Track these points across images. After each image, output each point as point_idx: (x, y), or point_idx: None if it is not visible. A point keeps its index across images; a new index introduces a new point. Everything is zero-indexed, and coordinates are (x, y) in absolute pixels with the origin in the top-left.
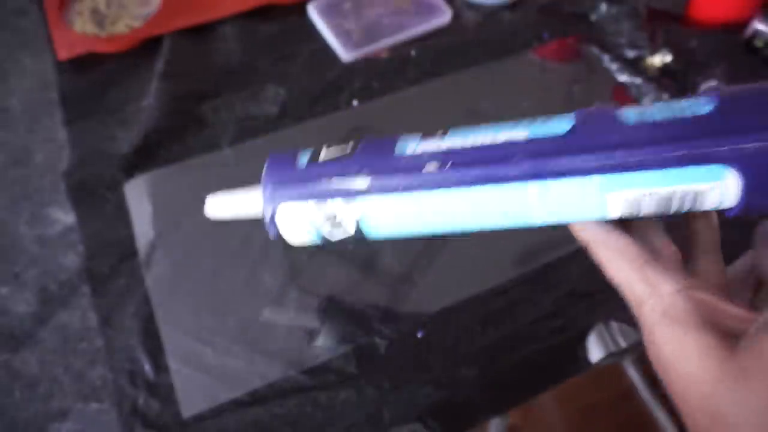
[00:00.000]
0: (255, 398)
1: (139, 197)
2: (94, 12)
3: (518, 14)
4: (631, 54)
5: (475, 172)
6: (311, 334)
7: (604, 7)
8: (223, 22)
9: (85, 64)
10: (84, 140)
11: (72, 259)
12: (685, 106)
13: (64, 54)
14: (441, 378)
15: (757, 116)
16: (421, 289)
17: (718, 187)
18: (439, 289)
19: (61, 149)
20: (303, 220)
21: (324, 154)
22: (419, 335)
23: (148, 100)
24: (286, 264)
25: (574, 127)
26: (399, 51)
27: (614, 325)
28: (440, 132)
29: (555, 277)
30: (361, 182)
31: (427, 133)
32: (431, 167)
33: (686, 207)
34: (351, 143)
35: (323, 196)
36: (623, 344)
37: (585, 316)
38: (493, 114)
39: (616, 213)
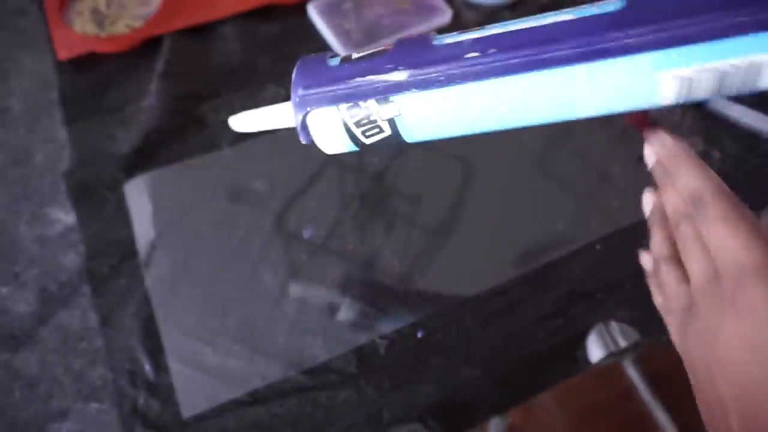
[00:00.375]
0: (255, 398)
1: (139, 197)
2: (94, 12)
3: (518, 14)
4: None
5: (520, 55)
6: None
7: None
8: (223, 22)
9: (85, 64)
10: (84, 140)
11: (72, 259)
12: None
13: (64, 54)
14: (441, 378)
15: None
16: (421, 289)
17: None
18: (439, 289)
19: (62, 149)
20: (336, 125)
21: (356, 55)
22: (419, 335)
23: (148, 100)
24: (286, 264)
25: (626, 2)
26: None
27: (614, 325)
28: (478, 26)
29: (555, 277)
30: (398, 75)
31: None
32: (472, 54)
33: (743, 86)
34: (383, 45)
35: (358, 95)
36: (623, 344)
37: (585, 316)
38: None
39: (669, 95)
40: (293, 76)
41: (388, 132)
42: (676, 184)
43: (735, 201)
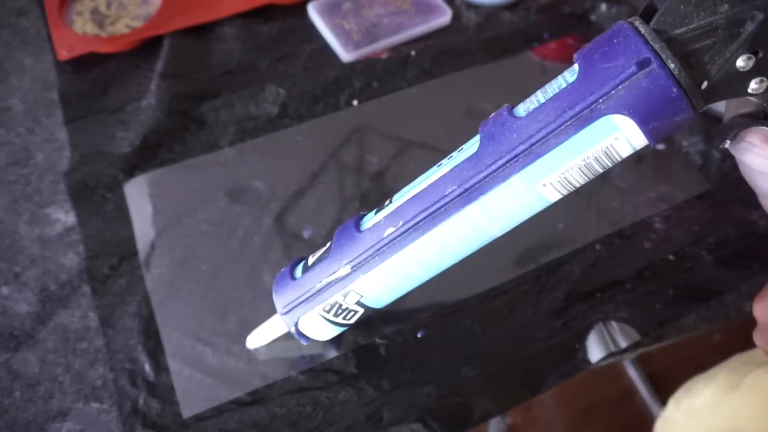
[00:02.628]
0: (255, 398)
1: (139, 197)
2: (95, 12)
3: (518, 14)
4: None
5: (422, 218)
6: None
7: (603, 7)
8: (223, 22)
9: (85, 64)
10: (84, 140)
11: (72, 259)
12: (559, 80)
13: (64, 54)
14: (441, 378)
15: (612, 62)
16: (421, 289)
17: (621, 136)
18: (439, 289)
19: (61, 149)
20: (321, 322)
21: (311, 259)
22: (419, 335)
23: (148, 100)
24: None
25: (480, 141)
26: (399, 51)
27: (614, 325)
28: (388, 199)
29: (555, 277)
30: (342, 270)
31: (378, 205)
32: (389, 232)
33: (608, 163)
34: (328, 244)
35: (324, 296)
36: (623, 344)
37: (585, 316)
38: None
39: (555, 197)
40: (273, 293)
41: (361, 310)
42: None
43: None
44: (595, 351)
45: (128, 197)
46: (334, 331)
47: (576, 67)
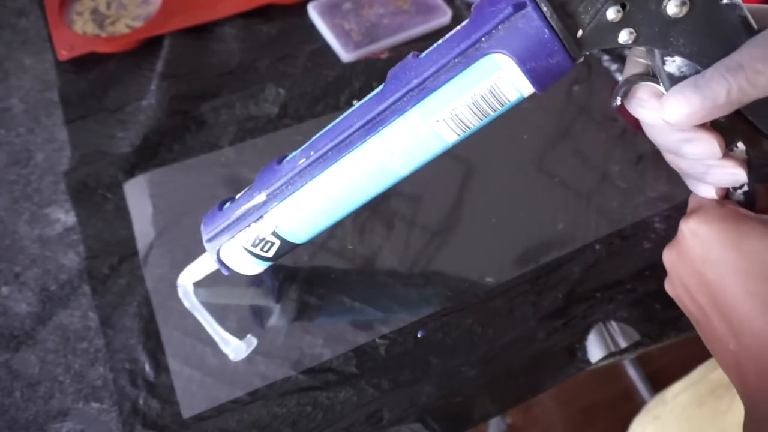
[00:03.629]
0: (255, 398)
1: (139, 197)
2: (95, 12)
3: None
4: None
5: (330, 149)
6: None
7: None
8: (223, 22)
9: (85, 64)
10: (84, 140)
11: (72, 259)
12: (457, 26)
13: (64, 54)
14: (441, 378)
15: (496, 5)
16: (421, 289)
17: (503, 75)
18: (439, 289)
19: (62, 149)
20: (241, 253)
21: (238, 195)
22: (419, 335)
23: (148, 100)
24: (287, 264)
25: (386, 81)
26: (399, 51)
27: (614, 325)
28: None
29: (555, 277)
30: (259, 198)
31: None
32: (302, 161)
33: (496, 105)
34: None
35: (241, 225)
36: (623, 344)
37: (585, 316)
38: None
39: (451, 136)
40: (201, 226)
41: (278, 242)
42: None
43: None
44: (595, 351)
45: (128, 197)
46: (257, 265)
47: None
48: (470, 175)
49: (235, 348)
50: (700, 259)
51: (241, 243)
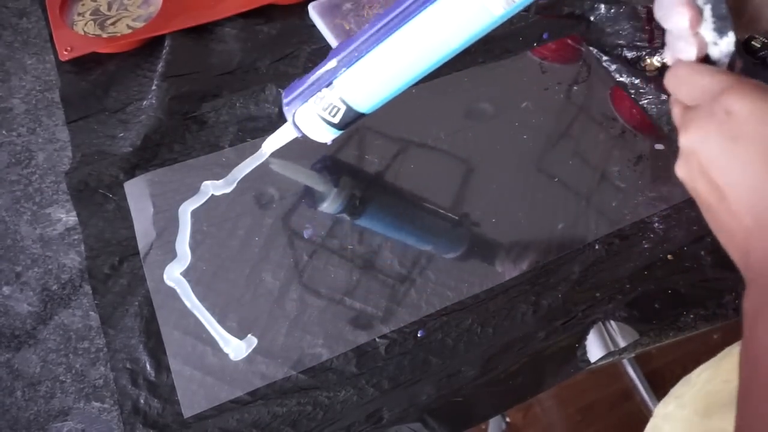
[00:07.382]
0: (255, 398)
1: (139, 197)
2: (96, 13)
3: (518, 15)
4: (630, 54)
5: (392, 19)
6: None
7: (603, 8)
8: (224, 22)
9: (86, 64)
10: (85, 140)
11: (73, 259)
12: None
13: (65, 54)
14: (441, 378)
15: None
16: (421, 289)
17: None
18: (439, 289)
19: (63, 149)
20: (312, 116)
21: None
22: (419, 335)
23: (149, 100)
24: (287, 264)
25: None
26: None
27: (613, 324)
28: None
29: (555, 277)
30: (330, 64)
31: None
32: (369, 31)
33: None
34: None
35: (314, 89)
36: (623, 344)
37: (585, 316)
38: (493, 114)
39: (497, 9)
40: (283, 95)
41: (344, 107)
42: None
43: None
44: (595, 350)
45: (129, 197)
46: (327, 131)
47: None
48: (470, 175)
49: (236, 347)
50: (731, 135)
51: (313, 107)
